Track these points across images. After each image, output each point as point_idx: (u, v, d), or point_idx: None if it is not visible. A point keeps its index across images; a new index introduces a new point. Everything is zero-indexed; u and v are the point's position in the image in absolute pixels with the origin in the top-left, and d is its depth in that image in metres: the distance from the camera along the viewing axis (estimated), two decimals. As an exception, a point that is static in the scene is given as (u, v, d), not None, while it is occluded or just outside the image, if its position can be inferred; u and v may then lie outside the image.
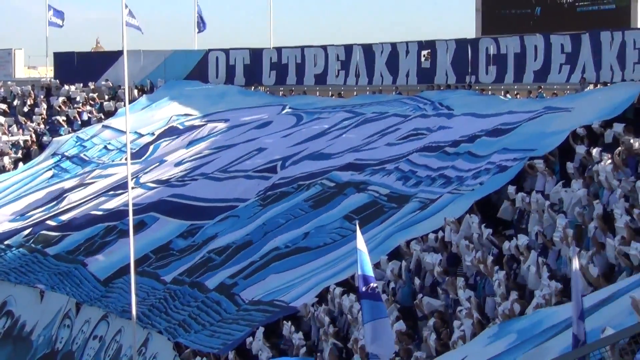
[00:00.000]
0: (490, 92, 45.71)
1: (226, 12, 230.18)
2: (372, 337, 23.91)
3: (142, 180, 49.53)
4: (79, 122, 61.95)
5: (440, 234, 32.95)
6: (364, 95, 51.03)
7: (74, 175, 55.26)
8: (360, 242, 23.97)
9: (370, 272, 24.00)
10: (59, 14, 74.05)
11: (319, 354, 30.04)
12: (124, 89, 51.09)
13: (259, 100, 55.58)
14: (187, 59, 61.64)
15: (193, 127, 55.11)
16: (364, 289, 24.02)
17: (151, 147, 54.09)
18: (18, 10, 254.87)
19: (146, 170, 51.26)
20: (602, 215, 27.58)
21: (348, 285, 31.30)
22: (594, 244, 26.06)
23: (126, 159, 45.07)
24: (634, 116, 36.29)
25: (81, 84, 65.77)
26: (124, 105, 51.23)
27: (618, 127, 34.76)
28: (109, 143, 56.86)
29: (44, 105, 65.68)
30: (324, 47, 54.88)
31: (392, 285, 30.90)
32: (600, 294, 20.25)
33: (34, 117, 64.94)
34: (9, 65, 77.80)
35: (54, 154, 58.72)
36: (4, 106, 67.47)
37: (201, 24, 67.12)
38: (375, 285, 24.31)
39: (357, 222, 32.68)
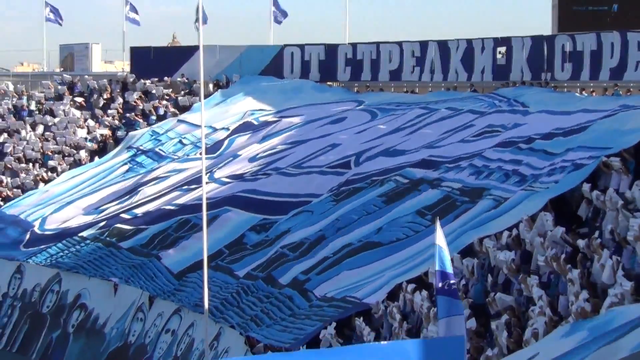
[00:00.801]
0: (565, 90, 45.40)
1: (302, 7, 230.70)
2: (446, 333, 23.90)
3: (216, 175, 49.70)
4: (155, 117, 62.39)
5: (514, 231, 32.83)
6: (438, 92, 50.94)
7: (149, 170, 55.59)
8: (440, 237, 23.93)
9: (449, 268, 23.93)
10: (134, 8, 74.73)
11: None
12: (199, 84, 51.34)
13: (334, 96, 55.64)
14: (263, 54, 61.79)
15: (267, 123, 55.25)
16: (440, 284, 23.94)
17: (226, 142, 54.28)
18: (95, 4, 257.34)
19: (220, 165, 51.42)
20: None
21: (420, 282, 31.22)
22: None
23: (201, 154, 45.54)
24: None
25: (157, 79, 66.17)
26: (200, 100, 51.84)
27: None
28: (184, 137, 57.15)
29: (120, 100, 66.11)
30: (399, 43, 54.79)
31: (463, 282, 30.83)
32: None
33: (109, 111, 65.41)
34: (86, 59, 78.44)
35: (129, 148, 59.15)
36: (80, 100, 68.01)
37: (279, 15, 67.29)
38: (453, 282, 24.28)
39: (437, 217, 32.72)
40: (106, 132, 62.99)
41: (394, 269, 35.16)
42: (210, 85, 58.67)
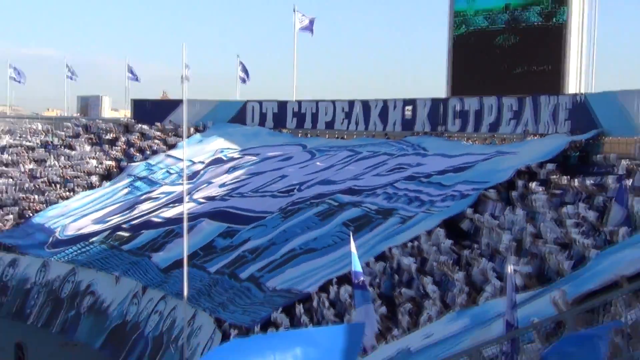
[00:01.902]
0: (455, 139, 45.68)
1: (259, 73, 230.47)
2: (361, 318, 24.19)
3: (194, 196, 49.72)
4: (149, 152, 62.29)
5: (415, 242, 33.28)
6: (361, 138, 51.10)
7: (143, 192, 55.58)
8: (353, 247, 24.42)
9: (359, 269, 24.38)
10: (132, 72, 74.82)
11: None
12: (182, 128, 51.49)
13: (284, 139, 55.79)
14: (231, 107, 61.71)
15: (233, 158, 55.37)
16: (355, 281, 24.44)
17: (201, 172, 54.29)
18: (105, 66, 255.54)
19: (197, 189, 51.44)
20: (535, 233, 27.80)
21: (345, 279, 31.44)
22: (529, 254, 26.29)
23: (183, 181, 45.75)
24: (563, 159, 36.44)
25: (151, 124, 65.97)
26: (182, 140, 51.76)
27: (550, 167, 35.11)
28: (171, 168, 57.16)
29: (123, 139, 65.88)
30: (333, 101, 54.88)
31: (377, 279, 31.14)
32: (532, 291, 20.41)
33: (115, 147, 65.19)
34: (98, 107, 78.23)
35: (129, 175, 59.08)
36: (93, 138, 67.80)
37: (245, 77, 67.48)
38: (363, 279, 24.66)
39: (350, 231, 33.18)
40: (112, 163, 62.80)
41: (326, 268, 35.60)
42: (191, 129, 58.49)
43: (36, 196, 60.36)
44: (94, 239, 50.55)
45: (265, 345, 2.61)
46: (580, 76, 44.31)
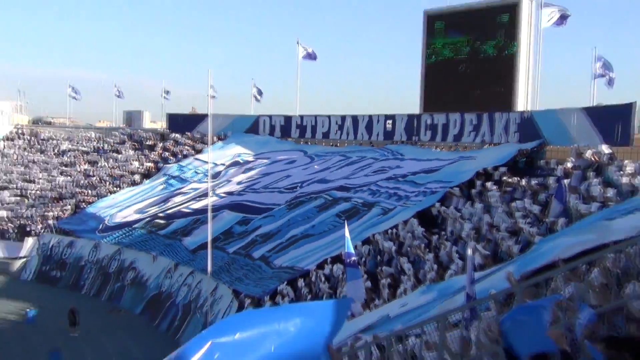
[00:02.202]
0: (426, 147, 45.57)
1: (270, 93, 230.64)
2: (351, 290, 24.13)
3: (216, 192, 49.60)
4: (181, 156, 62.15)
5: (394, 230, 33.24)
6: (351, 146, 51.01)
7: (176, 188, 55.50)
8: (347, 232, 24.35)
9: (352, 250, 24.36)
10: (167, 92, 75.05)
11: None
12: (208, 137, 51.43)
13: (288, 146, 55.73)
14: (246, 120, 61.59)
15: (248, 161, 55.30)
16: (347, 260, 24.41)
17: (222, 172, 54.22)
18: (146, 87, 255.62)
19: (219, 186, 51.35)
20: (491, 223, 27.73)
21: (337, 258, 31.45)
22: (485, 240, 26.22)
23: (207, 179, 45.67)
24: (513, 164, 36.37)
25: (183, 133, 65.86)
26: (208, 146, 51.60)
27: (503, 170, 35.06)
28: (198, 169, 57.07)
29: (160, 145, 65.81)
30: (329, 116, 54.72)
31: (363, 259, 31.09)
32: (488, 269, 20.32)
33: (153, 152, 65.13)
34: (139, 120, 78.30)
35: (164, 175, 58.99)
36: (136, 144, 67.75)
37: (258, 96, 67.48)
38: (354, 258, 24.64)
39: (345, 221, 33.10)
40: (151, 164, 62.70)
41: (322, 249, 35.70)
42: (215, 138, 58.41)
43: (89, 191, 60.28)
44: (135, 225, 50.66)
45: (271, 316, 2.53)
46: (527, 96, 44.23)
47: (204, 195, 48.08)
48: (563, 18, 42.21)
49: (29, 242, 54.64)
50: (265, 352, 2.47)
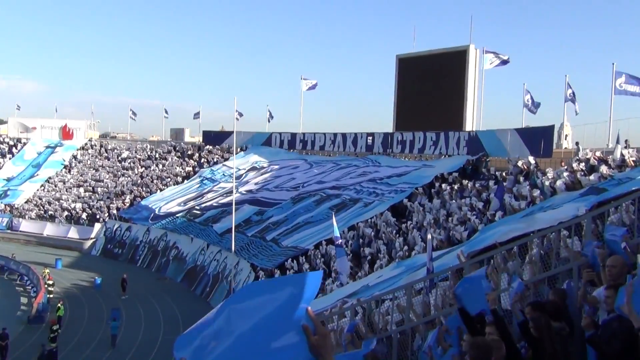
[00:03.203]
0: (398, 157, 45.46)
1: (280, 115, 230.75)
2: (340, 265, 24.02)
3: (239, 190, 49.45)
4: (213, 163, 61.91)
5: (373, 219, 33.16)
6: (341, 156, 50.86)
7: (209, 187, 55.35)
8: (334, 221, 24.19)
9: (338, 234, 24.24)
10: (198, 114, 74.69)
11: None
12: (233, 149, 51.32)
13: (294, 156, 55.55)
14: (262, 136, 61.29)
15: (263, 167, 55.10)
16: (336, 242, 24.29)
17: (243, 175, 54.02)
18: (186, 109, 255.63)
19: (241, 186, 51.22)
20: (446, 214, 27.68)
21: (329, 240, 31.38)
22: (441, 227, 26.16)
23: (232, 180, 45.54)
24: (462, 170, 36.35)
25: (214, 145, 65.70)
26: (233, 156, 51.44)
27: (455, 175, 35.03)
28: (225, 172, 56.84)
29: (197, 154, 65.58)
30: (324, 133, 54.48)
31: (350, 242, 31.00)
32: (444, 250, 20.26)
33: (192, 159, 64.93)
34: (182, 135, 77.97)
35: (200, 176, 58.82)
36: (179, 153, 67.60)
37: (270, 118, 67.52)
38: (341, 241, 24.53)
39: (333, 212, 33.07)
40: (190, 169, 62.45)
41: (319, 234, 35.53)
42: (238, 149, 58.16)
43: (143, 188, 60.13)
44: (177, 214, 50.41)
45: (272, 286, 2.45)
46: (473, 120, 44.19)
47: (229, 192, 47.95)
48: (504, 63, 42.35)
49: (97, 227, 54.77)
50: (265, 314, 2.40)
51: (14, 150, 73.79)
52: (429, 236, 16.26)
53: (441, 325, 6.93)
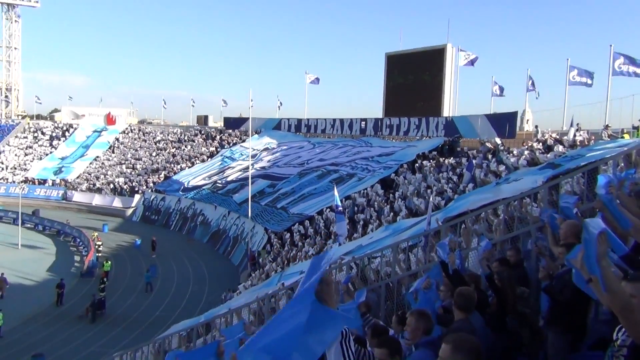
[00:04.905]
0: (387, 138, 45.22)
1: (288, 103, 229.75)
2: (339, 228, 23.95)
3: (254, 167, 49.30)
4: (232, 144, 61.67)
5: (366, 191, 33.06)
6: (339, 138, 50.52)
7: (228, 164, 55.17)
8: (335, 192, 24.03)
9: (339, 203, 24.11)
10: (226, 104, 74.01)
11: (318, 237, 30.15)
12: (249, 132, 51.02)
13: (300, 138, 55.18)
14: (273, 121, 60.87)
15: (274, 148, 54.83)
16: (337, 209, 24.16)
17: (258, 154, 53.73)
18: (210, 99, 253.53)
19: (256, 163, 51.03)
20: (426, 186, 27.61)
21: (330, 208, 31.36)
22: (422, 197, 26.10)
23: (249, 159, 45.29)
24: (440, 149, 36.19)
25: (233, 129, 65.38)
26: (249, 138, 51.14)
27: (434, 153, 34.84)
28: (242, 152, 56.51)
29: (218, 137, 65.34)
30: (325, 119, 54.15)
31: (346, 209, 30.96)
32: (424, 216, 20.22)
33: (214, 141, 64.71)
34: (207, 121, 77.56)
35: (221, 156, 58.55)
36: (204, 136, 67.33)
37: (280, 105, 67.26)
38: (340, 208, 24.42)
39: (335, 184, 32.90)
40: (213, 149, 62.16)
41: (321, 202, 35.43)
42: (253, 133, 57.90)
43: (174, 165, 60.06)
44: (203, 187, 50.29)
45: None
46: (450, 107, 43.86)
47: (246, 169, 47.87)
48: (473, 61, 41.92)
49: (137, 197, 54.71)
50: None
51: (66, 134, 73.69)
52: (430, 204, 16.46)
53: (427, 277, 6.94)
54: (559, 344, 4.99)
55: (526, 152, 25.09)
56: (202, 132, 69.25)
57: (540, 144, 26.37)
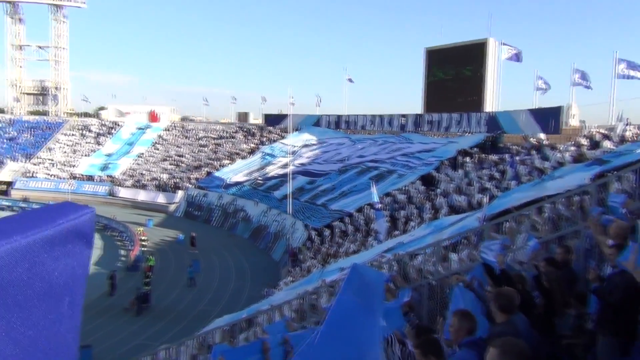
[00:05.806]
0: (427, 135, 44.84)
1: (328, 100, 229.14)
2: (379, 225, 23.91)
3: (294, 163, 49.55)
4: (272, 140, 62.19)
5: (407, 187, 32.86)
6: (379, 134, 50.34)
7: (269, 161, 55.61)
8: (374, 188, 23.97)
9: (377, 200, 24.09)
10: (264, 98, 74.55)
11: (359, 234, 30.14)
12: (289, 128, 51.35)
13: (340, 135, 55.19)
14: (313, 118, 61.12)
15: (314, 144, 54.99)
16: (376, 206, 24.14)
17: (298, 151, 53.98)
18: (250, 97, 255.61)
19: (295, 159, 51.25)
20: (468, 183, 27.29)
21: (370, 205, 31.31)
22: (465, 194, 25.86)
23: (289, 155, 45.55)
24: (483, 145, 35.66)
25: (274, 126, 65.87)
26: (289, 134, 51.40)
27: (476, 149, 34.32)
28: (283, 149, 56.86)
29: (259, 134, 65.92)
30: (365, 115, 54.14)
31: (388, 206, 30.83)
32: (466, 214, 19.98)
33: (255, 138, 65.29)
34: (247, 118, 78.23)
35: (262, 152, 59.04)
36: (245, 133, 68.01)
37: (319, 102, 67.35)
38: (379, 205, 24.39)
39: (373, 182, 32.78)
40: (254, 145, 62.66)
41: (361, 200, 35.31)
42: (293, 129, 58.18)
43: (216, 162, 60.89)
44: (244, 183, 50.84)
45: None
46: (492, 102, 43.17)
47: (286, 165, 48.23)
48: (518, 56, 40.93)
49: (180, 193, 55.64)
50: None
51: (112, 131, 75.70)
52: (485, 201, 16.36)
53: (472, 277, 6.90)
54: (608, 347, 4.89)
55: (572, 148, 24.45)
56: (243, 129, 69.98)
57: (587, 139, 25.64)
